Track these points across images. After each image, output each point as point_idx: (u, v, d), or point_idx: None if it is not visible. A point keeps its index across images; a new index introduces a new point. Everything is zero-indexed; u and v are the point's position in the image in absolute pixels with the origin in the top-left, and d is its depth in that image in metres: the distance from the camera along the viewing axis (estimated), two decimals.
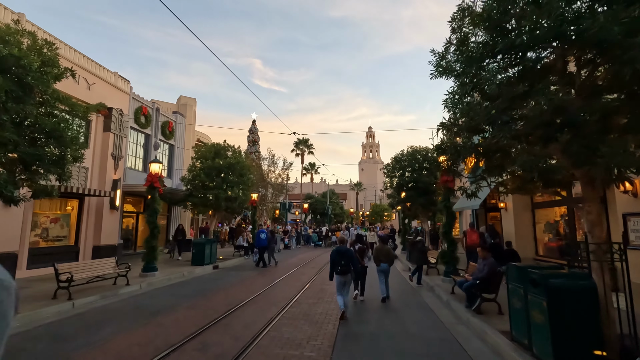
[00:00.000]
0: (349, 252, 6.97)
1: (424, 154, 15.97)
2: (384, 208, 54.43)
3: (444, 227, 10.34)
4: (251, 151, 44.30)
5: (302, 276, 12.27)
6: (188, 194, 16.35)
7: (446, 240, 10.30)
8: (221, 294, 9.14)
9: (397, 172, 16.33)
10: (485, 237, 12.27)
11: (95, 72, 14.18)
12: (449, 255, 10.10)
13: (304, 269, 14.45)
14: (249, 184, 18.30)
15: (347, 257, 6.79)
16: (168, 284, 10.70)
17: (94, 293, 8.53)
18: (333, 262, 6.83)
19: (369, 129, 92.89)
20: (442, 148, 5.98)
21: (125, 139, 15.59)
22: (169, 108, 22.18)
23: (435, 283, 10.11)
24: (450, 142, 6.02)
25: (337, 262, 6.77)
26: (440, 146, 6.00)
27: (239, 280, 11.45)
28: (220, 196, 15.80)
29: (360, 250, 8.57)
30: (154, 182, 11.55)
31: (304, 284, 10.52)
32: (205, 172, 16.46)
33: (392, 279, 9.07)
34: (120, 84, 15.70)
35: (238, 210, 17.32)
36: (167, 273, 11.95)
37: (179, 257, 16.10)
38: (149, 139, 18.83)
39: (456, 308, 7.23)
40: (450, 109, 5.31)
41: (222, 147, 17.38)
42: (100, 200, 13.99)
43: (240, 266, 15.44)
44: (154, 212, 11.60)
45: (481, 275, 6.65)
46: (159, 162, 11.92)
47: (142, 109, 17.88)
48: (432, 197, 15.63)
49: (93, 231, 13.77)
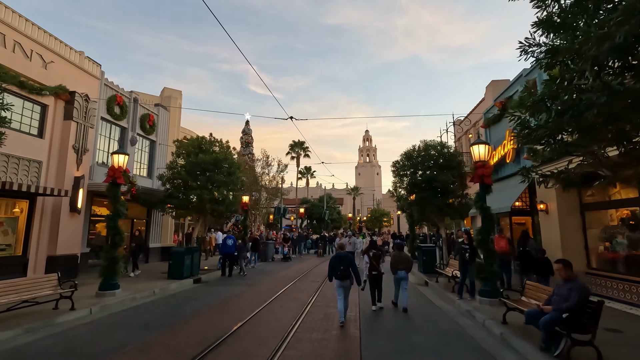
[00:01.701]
0: (348, 258, 6.99)
1: (439, 149, 13.88)
2: (383, 213, 52.32)
3: (480, 234, 8.19)
4: (244, 153, 42.00)
5: (300, 294, 10.02)
6: (167, 195, 14.06)
7: (484, 250, 8.14)
8: (194, 323, 6.88)
9: (407, 171, 14.22)
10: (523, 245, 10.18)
11: (54, 48, 11.93)
12: (487, 269, 7.94)
13: (302, 283, 12.19)
14: (239, 185, 16.05)
15: (346, 262, 6.81)
16: (130, 306, 8.39)
17: (19, 324, 6.23)
18: (332, 267, 6.87)
19: (366, 132, 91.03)
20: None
21: (92, 130, 13.29)
22: (152, 101, 19.93)
23: (470, 305, 7.93)
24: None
25: (337, 267, 6.79)
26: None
27: (221, 299, 9.17)
28: (204, 197, 13.54)
29: (375, 257, 8.11)
30: (117, 178, 9.28)
31: (303, 306, 8.28)
32: (187, 169, 14.21)
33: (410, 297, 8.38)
34: (88, 66, 13.45)
35: (226, 214, 15.04)
36: (132, 290, 9.64)
37: (134, 272, 12.51)
38: (125, 133, 16.55)
39: (525, 351, 5.04)
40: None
41: (208, 142, 15.14)
42: (58, 202, 11.65)
43: (225, 279, 13.14)
44: (115, 215, 9.32)
45: (569, 306, 4.49)
46: (124, 153, 9.65)
47: (117, 97, 15.62)
48: (449, 199, 13.52)
49: (47, 239, 11.41)
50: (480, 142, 8.57)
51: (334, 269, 6.80)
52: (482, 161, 8.42)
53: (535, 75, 11.87)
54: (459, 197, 13.78)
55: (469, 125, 19.74)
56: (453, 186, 13.40)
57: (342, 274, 6.73)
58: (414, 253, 17.79)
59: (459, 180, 13.86)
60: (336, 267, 6.77)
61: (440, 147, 14.08)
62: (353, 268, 6.87)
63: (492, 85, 16.59)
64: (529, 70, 12.39)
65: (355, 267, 7.04)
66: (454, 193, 13.52)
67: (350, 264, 6.88)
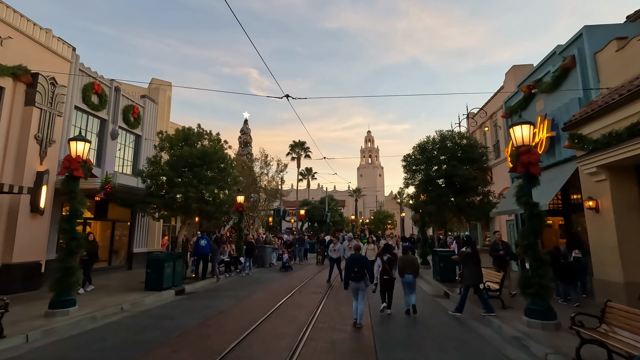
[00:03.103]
0: (363, 259, 7.08)
1: (456, 141, 12.15)
2: (386, 215, 50.51)
3: (526, 237, 6.43)
4: (243, 153, 40.38)
5: (299, 311, 8.27)
6: (148, 194, 12.35)
7: (531, 258, 6.38)
8: (154, 359, 5.15)
9: (421, 166, 12.48)
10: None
11: (12, 23, 10.28)
12: (537, 282, 6.18)
13: (301, 295, 10.45)
14: (231, 182, 14.35)
15: (360, 264, 6.87)
16: (85, 329, 6.67)
17: None
18: (347, 269, 6.94)
19: (368, 133, 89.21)
20: None
21: (60, 119, 11.62)
22: (139, 92, 18.28)
23: (516, 329, 6.17)
24: None
25: (351, 269, 6.85)
26: None
27: (201, 319, 7.43)
28: (189, 196, 11.83)
29: (389, 261, 7.91)
30: (74, 170, 7.58)
31: (302, 329, 6.54)
32: (172, 164, 12.52)
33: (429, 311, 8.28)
34: (57, 47, 11.80)
35: (215, 215, 13.31)
36: (94, 307, 7.92)
37: (86, 288, 9.93)
38: (105, 125, 14.89)
39: None
40: None
41: (196, 133, 13.44)
42: (16, 200, 9.97)
43: (214, 289, 11.41)
44: (72, 216, 7.61)
45: None
46: (84, 139, 7.94)
47: (94, 85, 13.97)
48: (469, 197, 11.78)
49: (2, 244, 9.72)
50: (522, 122, 6.85)
51: (348, 272, 6.87)
52: (526, 145, 6.69)
53: (573, 51, 10.16)
54: (481, 194, 12.04)
55: (485, 118, 18.01)
56: (474, 181, 11.65)
57: (356, 276, 6.77)
58: (426, 258, 16.04)
59: (480, 176, 12.15)
60: (351, 269, 6.84)
61: (459, 137, 12.34)
62: (368, 269, 6.94)
63: (513, 70, 14.88)
64: (564, 46, 10.68)
65: (371, 269, 7.15)
66: (475, 190, 11.77)
67: (365, 265, 6.90)
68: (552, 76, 10.96)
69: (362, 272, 6.79)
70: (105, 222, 15.08)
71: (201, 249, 12.87)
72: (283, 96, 8.78)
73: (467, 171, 11.31)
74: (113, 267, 15.07)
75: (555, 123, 10.45)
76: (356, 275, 6.76)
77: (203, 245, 12.87)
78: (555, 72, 10.75)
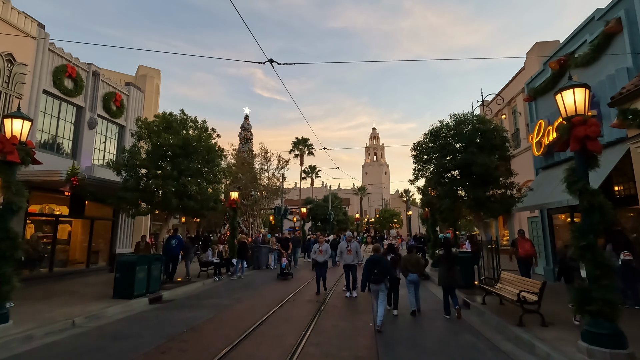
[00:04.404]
0: (383, 261, 6.95)
1: (475, 125, 10.51)
2: (392, 213, 48.79)
3: (584, 237, 4.80)
4: (243, 150, 39.00)
5: (287, 326, 6.73)
6: (122, 187, 10.88)
7: (591, 265, 4.75)
8: None
9: (434, 155, 10.88)
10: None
11: None
12: (601, 296, 4.57)
13: (293, 305, 8.91)
14: (220, 175, 12.85)
15: (380, 266, 6.76)
16: (11, 354, 5.21)
17: None
18: (367, 271, 6.79)
19: (373, 130, 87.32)
20: None
21: (20, 102, 10.19)
22: (124, 80, 16.89)
23: (568, 357, 4.57)
24: None
25: (371, 270, 6.73)
26: None
27: (161, 340, 5.91)
28: (168, 190, 10.34)
29: (393, 261, 7.97)
30: (7, 153, 6.12)
31: (287, 355, 5.00)
32: (150, 153, 11.05)
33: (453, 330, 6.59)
34: (18, 21, 10.39)
35: (200, 211, 11.81)
36: (39, 321, 6.47)
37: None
38: (82, 113, 13.50)
39: None
40: None
41: (179, 120, 11.91)
42: None
43: (197, 297, 9.93)
44: (6, 210, 6.14)
45: None
46: (24, 117, 6.47)
47: (67, 68, 12.58)
48: (491, 189, 10.14)
49: None
50: (575, 85, 5.25)
51: (369, 274, 6.73)
52: (581, 115, 5.07)
53: (618, 13, 8.47)
54: (504, 187, 10.38)
55: (502, 105, 16.31)
56: (497, 171, 9.99)
57: (377, 278, 6.66)
58: (436, 260, 14.39)
59: (502, 165, 10.50)
60: (371, 270, 6.73)
61: (479, 121, 10.68)
62: (389, 272, 6.87)
63: (537, 47, 13.17)
64: (606, 8, 8.99)
65: (392, 270, 7.17)
66: (497, 181, 10.11)
67: (386, 267, 6.82)
68: (590, 46, 9.29)
69: (383, 274, 6.68)
70: (83, 220, 13.69)
71: (172, 250, 11.75)
72: (266, 61, 7.28)
73: (488, 159, 9.69)
74: (92, 269, 13.67)
75: (596, 100, 8.77)
76: (376, 277, 6.63)
77: (174, 246, 11.70)
78: (595, 40, 9.09)
